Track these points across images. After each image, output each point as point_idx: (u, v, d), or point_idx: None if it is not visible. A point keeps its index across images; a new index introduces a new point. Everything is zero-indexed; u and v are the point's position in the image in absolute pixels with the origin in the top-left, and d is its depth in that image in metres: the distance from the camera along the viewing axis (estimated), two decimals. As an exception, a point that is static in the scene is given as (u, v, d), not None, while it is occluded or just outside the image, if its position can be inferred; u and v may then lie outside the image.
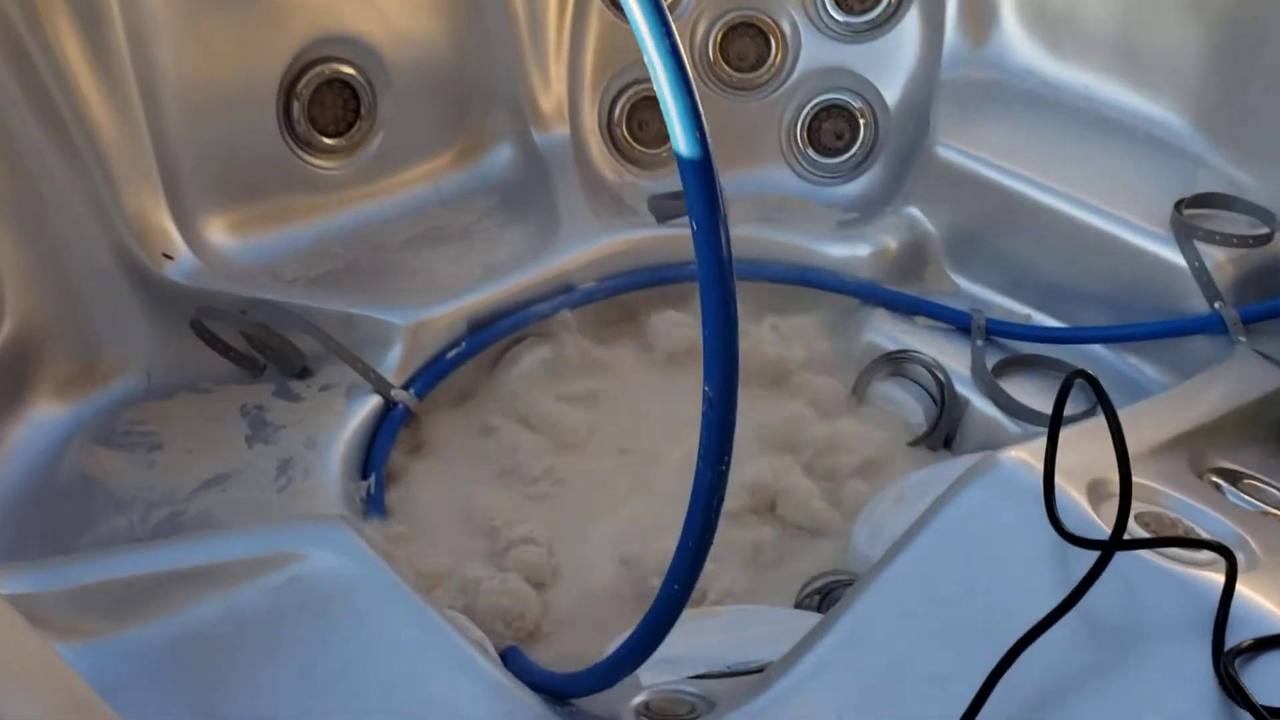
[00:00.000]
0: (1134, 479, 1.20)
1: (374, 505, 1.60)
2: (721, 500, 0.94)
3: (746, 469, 1.76)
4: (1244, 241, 1.77)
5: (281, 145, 2.02)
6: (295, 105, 2.01)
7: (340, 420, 1.68)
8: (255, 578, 1.30)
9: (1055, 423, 1.10)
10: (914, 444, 1.83)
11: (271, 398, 1.75)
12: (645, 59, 0.82)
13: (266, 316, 1.78)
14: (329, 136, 2.08)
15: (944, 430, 1.81)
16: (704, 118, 0.83)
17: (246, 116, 1.97)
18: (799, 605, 1.52)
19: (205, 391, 1.77)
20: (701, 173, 0.83)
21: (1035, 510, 1.17)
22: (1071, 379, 1.08)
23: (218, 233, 1.96)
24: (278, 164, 2.02)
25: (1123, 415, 1.43)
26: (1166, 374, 1.80)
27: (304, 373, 1.78)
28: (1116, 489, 1.23)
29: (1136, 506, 1.20)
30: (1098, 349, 1.86)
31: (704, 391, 0.89)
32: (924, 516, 1.23)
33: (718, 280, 0.86)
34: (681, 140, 0.83)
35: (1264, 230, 1.78)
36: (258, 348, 1.78)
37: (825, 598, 1.50)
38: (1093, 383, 1.04)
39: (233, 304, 1.80)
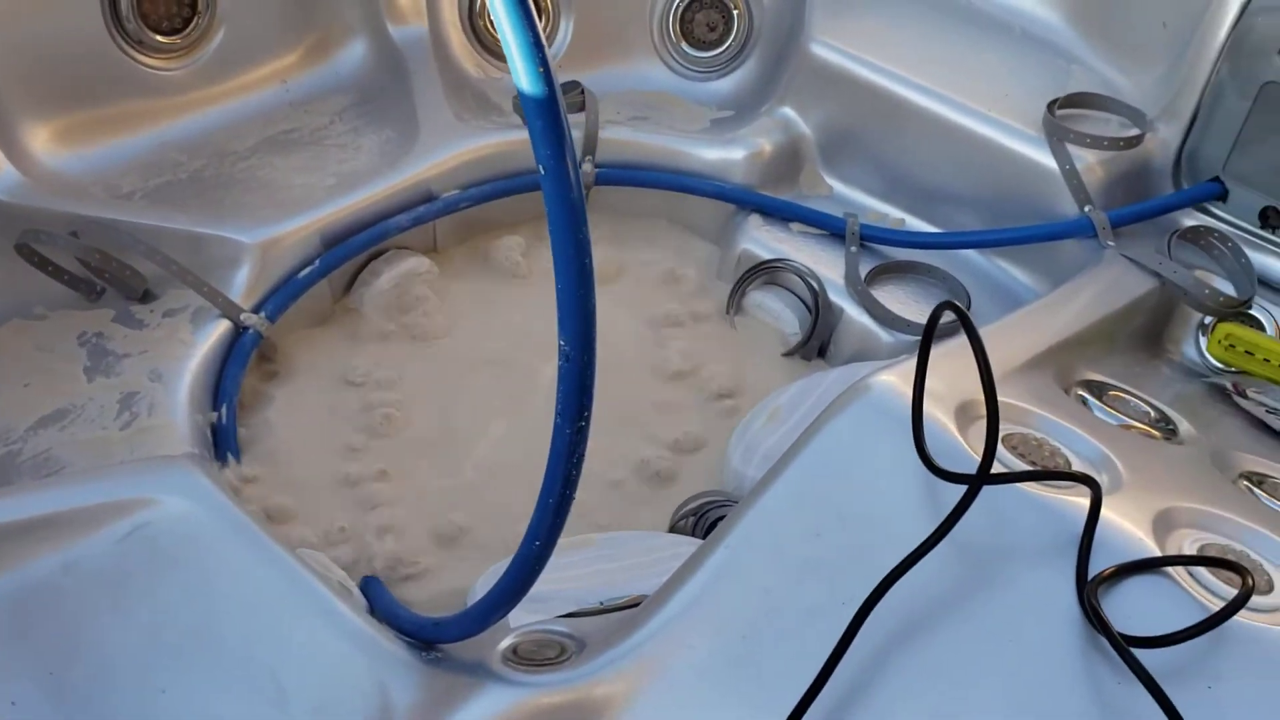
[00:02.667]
0: (1001, 399, 1.20)
1: (226, 439, 1.52)
2: (582, 457, 0.89)
3: (618, 385, 1.72)
4: (1114, 144, 1.76)
5: (110, 44, 1.84)
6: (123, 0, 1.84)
7: (187, 348, 1.57)
8: (98, 528, 1.23)
9: (923, 358, 1.08)
10: (788, 354, 1.81)
11: (111, 324, 1.63)
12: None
13: (101, 238, 1.64)
14: (163, 34, 1.91)
15: (818, 340, 1.79)
16: (547, 50, 0.75)
17: (66, 13, 1.79)
18: (673, 528, 1.50)
19: (39, 318, 1.64)
20: (547, 113, 0.76)
21: (906, 438, 1.15)
22: (940, 310, 1.05)
23: (42, 142, 1.79)
24: (107, 66, 1.85)
25: (992, 330, 1.44)
26: (1039, 278, 1.80)
27: (146, 296, 1.66)
28: (983, 411, 1.23)
29: (1004, 428, 1.20)
30: (971, 254, 1.85)
31: (559, 345, 0.83)
32: (796, 445, 1.21)
33: (570, 230, 0.79)
34: (523, 76, 0.75)
35: (1134, 132, 1.78)
36: (94, 271, 1.65)
37: (700, 519, 1.48)
38: (960, 314, 1.01)
39: (63, 224, 1.66)
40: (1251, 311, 1.64)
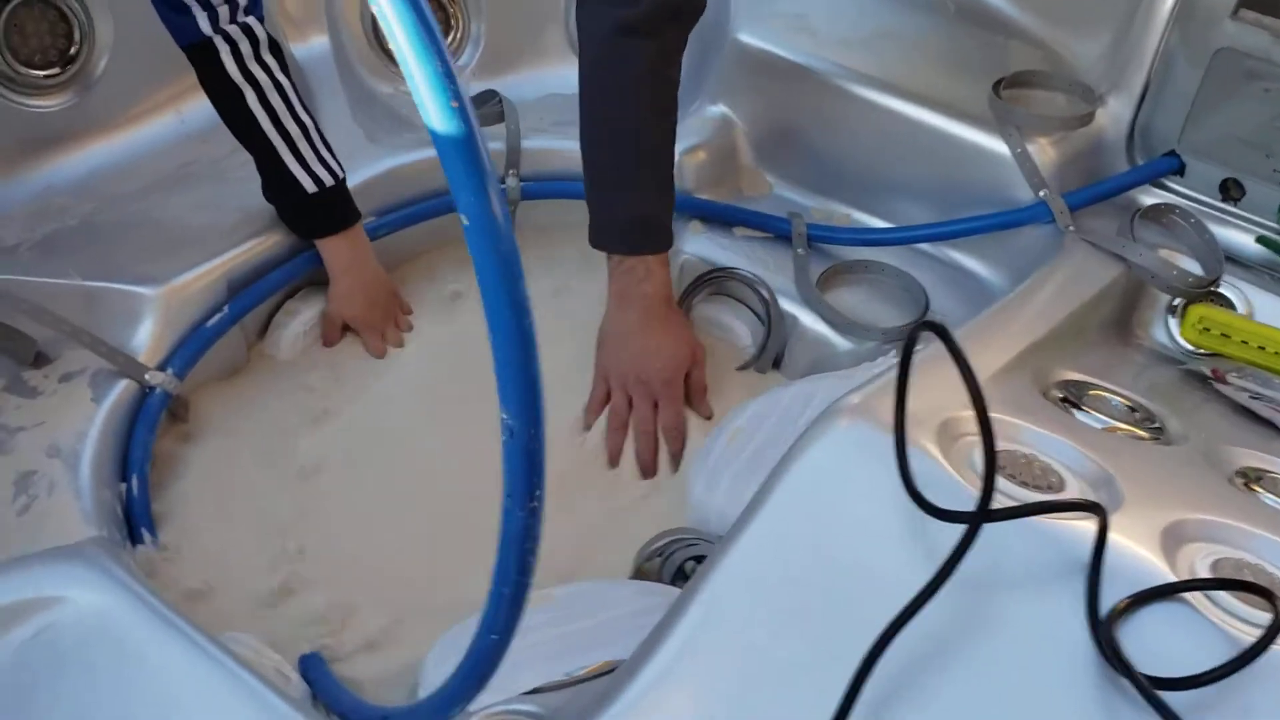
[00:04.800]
0: (983, 414, 1.10)
1: (138, 514, 1.37)
2: (537, 541, 0.77)
3: (564, 414, 1.61)
4: (1066, 123, 1.68)
5: (-22, 84, 1.69)
6: (-11, 35, 1.68)
7: (88, 416, 1.42)
8: (-4, 635, 1.09)
9: (901, 386, 0.98)
10: (742, 369, 1.70)
11: (2, 394, 1.47)
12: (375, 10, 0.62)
13: (-18, 300, 1.49)
14: (38, 69, 1.75)
15: (773, 351, 1.69)
16: (459, 81, 0.63)
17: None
18: (639, 571, 1.38)
19: (-81, 392, 1.48)
20: (467, 155, 0.64)
21: (885, 467, 1.05)
22: (915, 333, 0.95)
23: (-90, 195, 1.64)
24: (-22, 107, 1.70)
25: (960, 336, 1.34)
26: (996, 268, 1.71)
27: (39, 360, 1.50)
28: (967, 429, 1.14)
29: (992, 448, 1.10)
30: (924, 247, 1.76)
31: (502, 419, 0.72)
32: (768, 483, 1.10)
33: (504, 285, 0.67)
34: (434, 114, 0.63)
35: (1086, 109, 1.70)
36: (-23, 336, 1.50)
37: (666, 561, 1.37)
38: (943, 336, 0.91)
39: (-63, 287, 1.50)
40: (1221, 290, 1.57)
